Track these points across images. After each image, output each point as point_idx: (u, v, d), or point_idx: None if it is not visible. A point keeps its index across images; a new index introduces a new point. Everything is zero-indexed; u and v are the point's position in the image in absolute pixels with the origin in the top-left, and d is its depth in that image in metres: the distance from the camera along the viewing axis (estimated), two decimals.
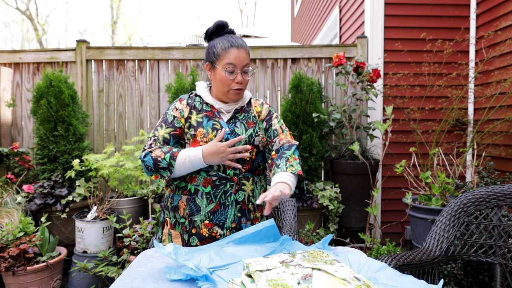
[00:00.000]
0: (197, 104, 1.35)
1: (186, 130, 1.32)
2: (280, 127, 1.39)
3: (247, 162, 1.31)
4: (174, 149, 1.26)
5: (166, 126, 1.32)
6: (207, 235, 1.28)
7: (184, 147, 1.34)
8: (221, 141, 1.25)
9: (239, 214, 1.30)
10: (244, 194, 1.31)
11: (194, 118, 1.32)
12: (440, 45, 3.08)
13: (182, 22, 24.99)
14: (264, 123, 1.39)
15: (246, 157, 1.26)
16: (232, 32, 1.37)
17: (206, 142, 1.27)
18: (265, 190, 1.40)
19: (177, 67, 3.36)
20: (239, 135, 1.29)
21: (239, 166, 1.25)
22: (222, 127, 1.29)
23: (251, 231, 1.17)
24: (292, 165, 1.25)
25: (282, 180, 1.18)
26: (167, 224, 1.36)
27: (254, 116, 1.38)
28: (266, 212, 1.11)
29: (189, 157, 1.22)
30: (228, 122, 1.33)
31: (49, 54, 3.30)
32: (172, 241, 1.33)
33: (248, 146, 1.24)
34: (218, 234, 1.28)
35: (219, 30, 1.35)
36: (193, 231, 1.29)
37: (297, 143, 1.36)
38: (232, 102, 1.34)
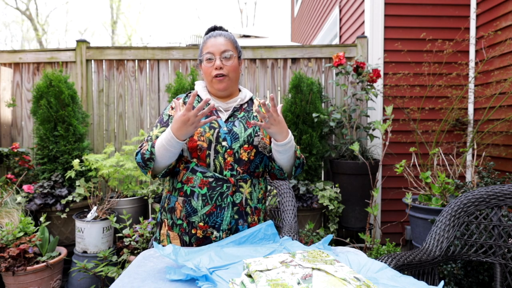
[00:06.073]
0: (195, 104, 1.34)
1: None
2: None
3: (245, 163, 1.28)
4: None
5: (161, 125, 1.32)
6: (201, 236, 1.26)
7: (181, 147, 1.32)
8: (207, 116, 1.27)
9: (236, 216, 1.27)
10: (242, 196, 1.27)
11: None
12: (440, 45, 3.08)
13: (182, 22, 25.02)
14: None
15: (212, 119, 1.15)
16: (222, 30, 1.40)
17: (203, 141, 1.25)
18: (264, 193, 1.38)
19: (177, 67, 3.36)
20: (237, 134, 1.28)
21: (214, 117, 1.16)
22: (220, 126, 1.28)
23: (250, 231, 1.17)
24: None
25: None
26: (165, 225, 1.35)
27: (256, 116, 1.35)
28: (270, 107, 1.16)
29: (161, 139, 1.18)
30: (226, 121, 1.31)
31: (49, 54, 3.30)
32: (170, 242, 1.32)
33: (213, 103, 1.15)
34: (214, 236, 1.25)
35: (210, 32, 1.39)
36: (193, 231, 1.27)
37: (304, 160, 1.43)
38: (218, 91, 1.32)
